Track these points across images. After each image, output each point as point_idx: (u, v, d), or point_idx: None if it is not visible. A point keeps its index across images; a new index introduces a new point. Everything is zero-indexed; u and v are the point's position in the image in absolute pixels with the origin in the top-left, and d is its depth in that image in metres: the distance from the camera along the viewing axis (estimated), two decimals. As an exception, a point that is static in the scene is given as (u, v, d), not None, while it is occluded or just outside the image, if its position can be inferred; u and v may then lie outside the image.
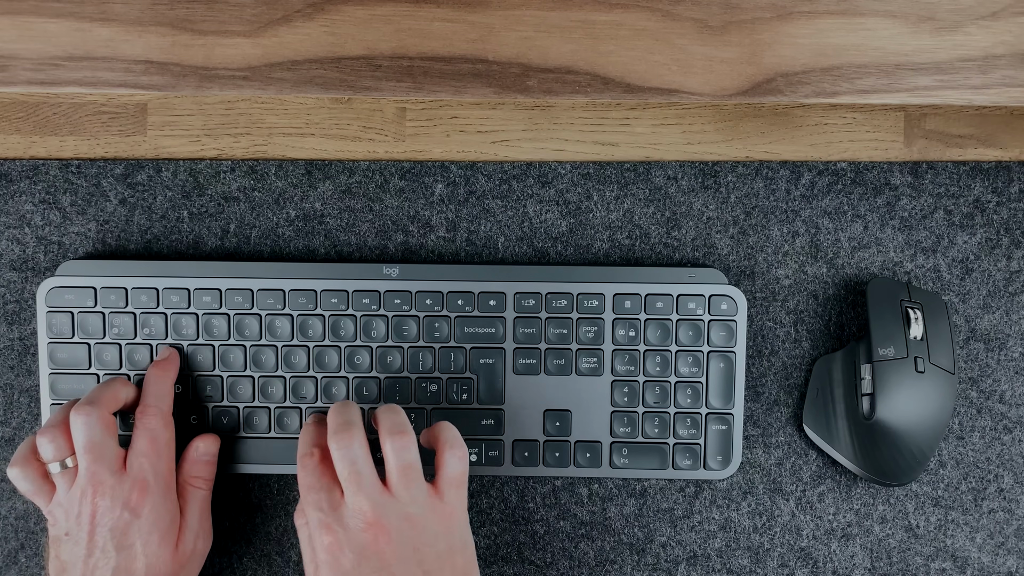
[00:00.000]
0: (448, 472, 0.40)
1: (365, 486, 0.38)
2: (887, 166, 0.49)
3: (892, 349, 0.46)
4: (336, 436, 0.39)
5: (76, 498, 0.41)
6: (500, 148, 0.49)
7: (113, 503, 0.40)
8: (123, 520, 0.40)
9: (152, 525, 0.41)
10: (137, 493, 0.41)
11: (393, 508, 0.38)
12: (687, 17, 0.42)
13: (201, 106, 0.49)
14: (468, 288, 0.47)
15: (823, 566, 0.49)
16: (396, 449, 0.39)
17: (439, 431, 0.41)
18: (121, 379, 0.45)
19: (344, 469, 0.39)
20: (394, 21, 0.42)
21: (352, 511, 0.38)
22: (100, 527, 0.40)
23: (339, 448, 0.39)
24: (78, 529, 0.41)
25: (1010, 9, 0.42)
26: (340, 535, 0.38)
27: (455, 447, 0.40)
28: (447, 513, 0.40)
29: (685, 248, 0.49)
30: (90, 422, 0.41)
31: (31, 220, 0.48)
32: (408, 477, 0.39)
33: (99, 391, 0.43)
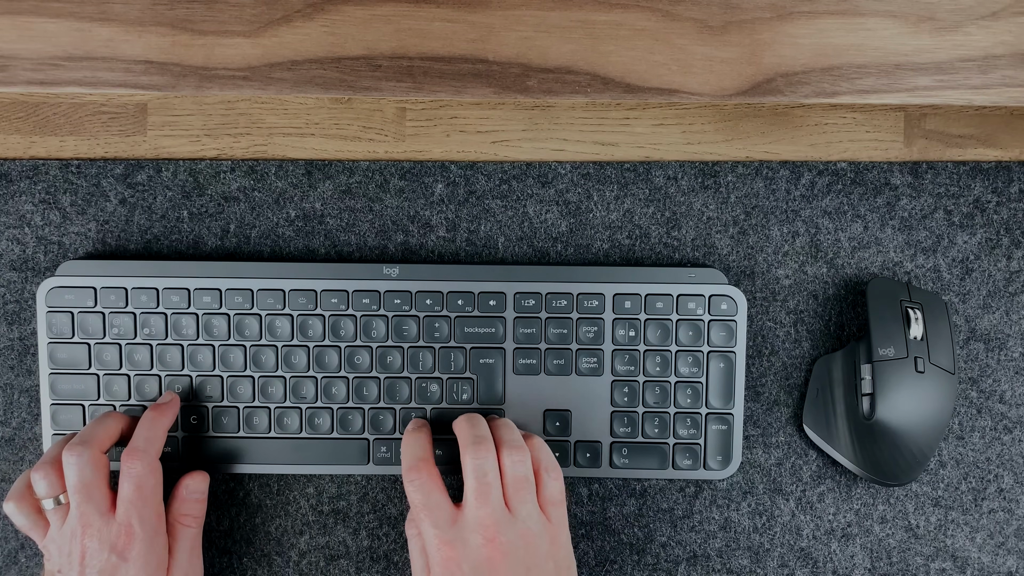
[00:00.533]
0: (548, 493, 0.41)
1: (492, 500, 0.39)
2: (887, 166, 0.49)
3: (892, 349, 0.46)
4: (474, 447, 0.40)
5: (67, 537, 0.41)
6: (500, 148, 0.49)
7: (101, 546, 0.41)
8: (111, 563, 0.41)
9: (140, 569, 0.41)
10: (124, 538, 0.41)
11: (511, 525, 0.39)
12: (687, 17, 0.42)
13: (201, 106, 0.49)
14: (468, 288, 0.47)
15: (823, 566, 0.49)
16: (515, 463, 0.40)
17: (534, 451, 0.42)
18: (115, 414, 0.45)
19: (475, 481, 0.39)
20: (394, 21, 0.42)
21: (474, 525, 0.39)
22: (89, 568, 0.40)
23: (475, 459, 0.40)
24: (69, 568, 0.41)
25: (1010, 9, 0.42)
26: (459, 551, 0.39)
27: (551, 468, 0.42)
28: (554, 533, 0.41)
29: (685, 248, 0.49)
30: (81, 463, 0.41)
31: (31, 220, 0.48)
32: (524, 490, 0.40)
33: (92, 429, 0.43)
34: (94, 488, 0.41)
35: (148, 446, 0.43)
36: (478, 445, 0.40)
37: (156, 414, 0.44)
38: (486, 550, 0.38)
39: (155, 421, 0.44)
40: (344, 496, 0.48)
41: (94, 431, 0.43)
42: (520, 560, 0.39)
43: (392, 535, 0.48)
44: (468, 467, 0.40)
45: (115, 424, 0.44)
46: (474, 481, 0.40)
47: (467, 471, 0.40)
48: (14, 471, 0.48)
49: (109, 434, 0.43)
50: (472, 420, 0.42)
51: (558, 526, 0.41)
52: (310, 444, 0.47)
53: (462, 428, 0.42)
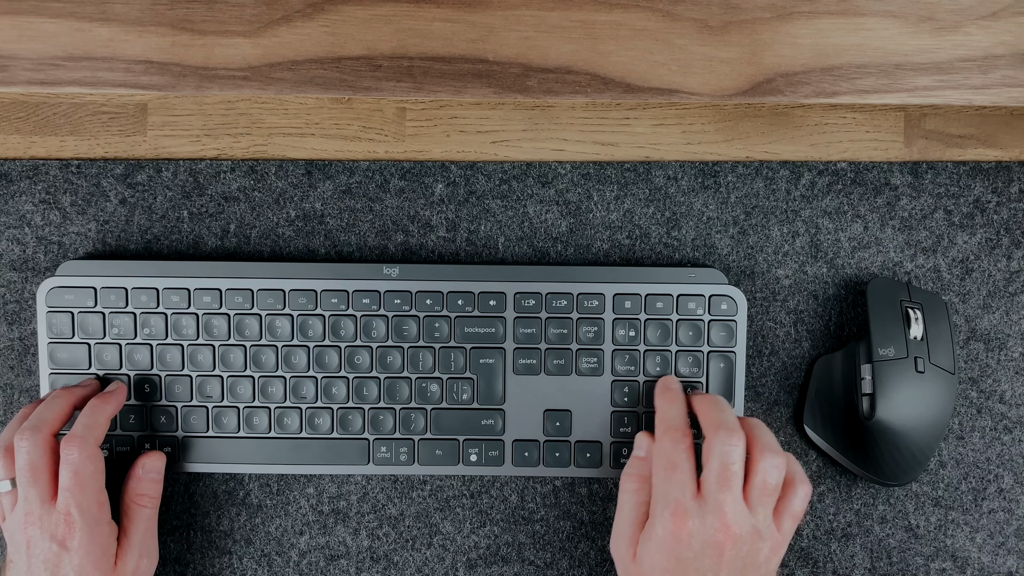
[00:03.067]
0: (792, 506, 0.41)
1: (733, 490, 0.39)
2: (887, 166, 0.49)
3: (892, 349, 0.46)
4: (726, 434, 0.40)
5: (15, 524, 0.41)
6: (500, 148, 0.49)
7: (43, 534, 0.40)
8: (52, 552, 0.40)
9: (83, 557, 0.41)
10: (64, 527, 0.41)
11: (746, 520, 0.39)
12: (687, 17, 0.42)
13: (201, 106, 0.49)
14: (468, 288, 0.47)
15: (823, 566, 0.49)
16: (769, 467, 0.40)
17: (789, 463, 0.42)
18: (65, 392, 0.44)
19: (720, 466, 0.39)
20: (394, 21, 0.42)
21: (714, 507, 0.39)
22: (34, 558, 0.40)
23: (725, 445, 0.39)
24: (18, 556, 0.41)
25: (1010, 9, 0.42)
26: (694, 524, 0.39)
27: (803, 483, 0.41)
28: (779, 543, 0.40)
29: (685, 248, 0.49)
30: (30, 447, 0.41)
31: (31, 220, 0.48)
32: (766, 496, 0.40)
33: (43, 411, 0.42)
34: (40, 472, 0.41)
35: (87, 433, 0.42)
36: (731, 433, 0.40)
37: (100, 402, 0.44)
38: (719, 534, 0.38)
39: (97, 408, 0.43)
40: (344, 496, 0.48)
41: (44, 414, 0.42)
42: (740, 555, 0.39)
43: (392, 535, 0.48)
44: (715, 451, 0.39)
45: (66, 404, 0.43)
46: (719, 466, 0.39)
47: (713, 454, 0.39)
48: (14, 471, 0.48)
49: (60, 415, 0.43)
50: (717, 403, 0.42)
51: (785, 537, 0.41)
52: (310, 444, 0.47)
53: (706, 408, 0.42)
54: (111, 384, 0.46)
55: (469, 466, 0.47)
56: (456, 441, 0.47)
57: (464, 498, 0.48)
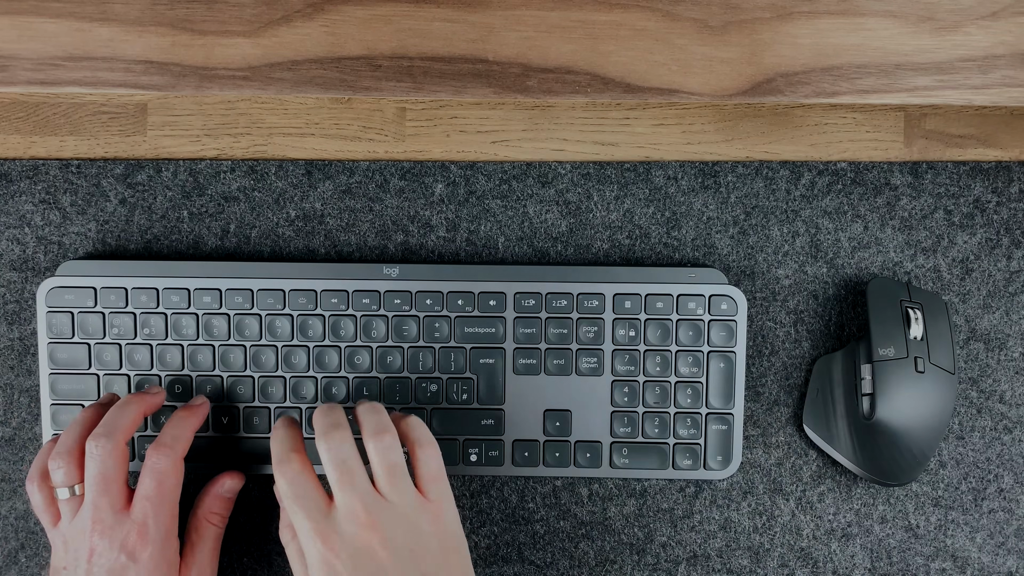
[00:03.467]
0: (425, 470, 0.40)
1: (358, 486, 0.38)
2: (887, 166, 0.49)
3: (892, 349, 0.46)
4: (326, 437, 0.39)
5: (77, 532, 0.40)
6: (500, 148, 0.49)
7: (111, 544, 0.39)
8: (119, 563, 0.39)
9: (150, 571, 0.40)
10: (136, 537, 0.40)
11: (385, 509, 0.38)
12: (687, 17, 0.42)
13: (201, 106, 0.49)
14: (468, 288, 0.47)
15: (823, 566, 0.49)
16: (380, 450, 0.38)
17: (408, 429, 0.41)
18: (136, 399, 0.43)
19: (335, 470, 0.38)
20: (394, 21, 0.42)
21: (345, 514, 0.37)
22: (97, 567, 0.39)
23: (329, 448, 0.38)
24: (75, 564, 0.40)
25: (1010, 9, 0.42)
26: (334, 541, 0.37)
27: (425, 444, 0.40)
28: (435, 511, 0.39)
29: (685, 248, 0.49)
30: (103, 455, 0.40)
31: (31, 220, 0.48)
32: (395, 476, 0.38)
33: (119, 418, 0.41)
34: (112, 482, 0.40)
35: (175, 444, 0.41)
36: (331, 433, 0.38)
37: (187, 413, 0.43)
38: (363, 536, 0.37)
39: (185, 420, 0.43)
40: (344, 496, 0.48)
41: (118, 421, 0.41)
42: (401, 543, 0.37)
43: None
44: (325, 458, 0.38)
45: (139, 411, 0.42)
46: (334, 471, 0.38)
47: (325, 462, 0.38)
48: (14, 471, 0.48)
49: (133, 423, 0.42)
50: (325, 411, 0.40)
51: (440, 502, 0.39)
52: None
53: (316, 420, 0.40)
54: (196, 398, 0.45)
55: (469, 466, 0.47)
56: (456, 441, 0.47)
57: (464, 498, 0.48)
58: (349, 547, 0.37)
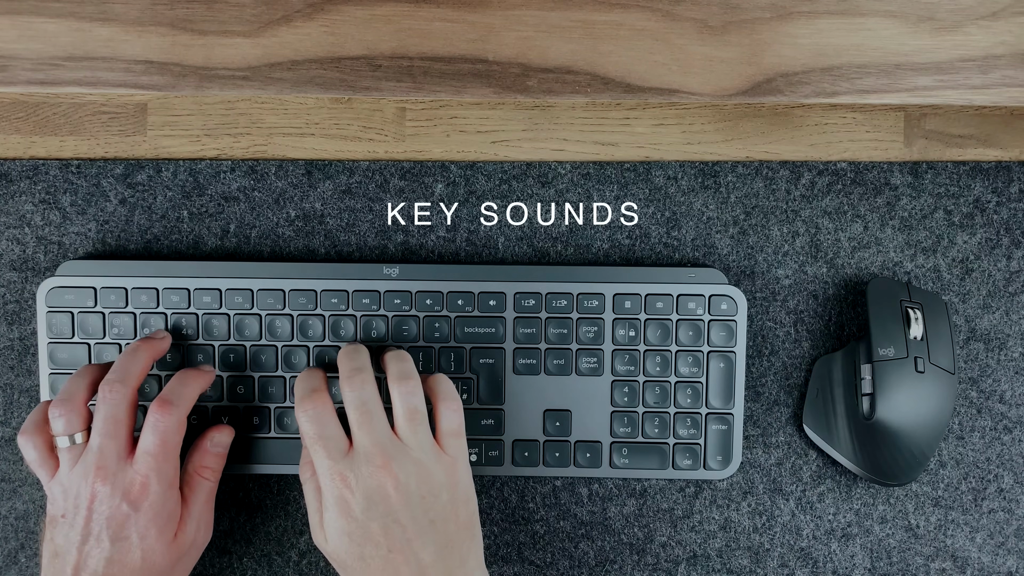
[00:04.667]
0: (446, 425, 0.41)
1: (376, 430, 0.39)
2: (887, 166, 0.49)
3: (892, 349, 0.46)
4: (349, 380, 0.40)
5: (78, 478, 0.40)
6: (500, 148, 0.49)
7: (113, 491, 0.40)
8: (121, 511, 0.40)
9: (150, 520, 0.40)
10: (138, 488, 0.40)
11: (402, 453, 0.39)
12: (687, 17, 0.42)
13: (201, 106, 0.49)
14: (468, 288, 0.47)
15: (823, 566, 0.49)
16: (403, 394, 0.40)
17: (434, 384, 0.42)
18: (144, 345, 0.43)
19: (356, 411, 0.39)
20: (394, 21, 0.42)
21: (362, 454, 0.39)
22: (97, 514, 0.40)
23: (351, 391, 0.39)
24: (75, 512, 0.40)
25: (1010, 9, 0.42)
26: (350, 480, 0.38)
27: (448, 399, 0.41)
28: (450, 464, 0.40)
29: (685, 248, 0.49)
30: (116, 399, 0.40)
31: (31, 220, 0.48)
32: (415, 421, 0.40)
33: (130, 363, 0.42)
34: (122, 426, 0.40)
35: (180, 401, 0.42)
36: (354, 376, 0.40)
37: (194, 374, 0.44)
38: (377, 477, 0.38)
39: (193, 380, 0.43)
40: (344, 496, 0.48)
41: (130, 367, 0.42)
42: (413, 489, 0.38)
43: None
44: (347, 400, 0.40)
45: (148, 357, 0.43)
46: (355, 412, 0.39)
47: (347, 404, 0.40)
48: (14, 471, 0.48)
49: (144, 369, 0.42)
50: (350, 352, 0.41)
51: (456, 457, 0.41)
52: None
53: (341, 362, 0.41)
54: (205, 365, 0.46)
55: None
56: (456, 441, 0.47)
57: (464, 498, 0.48)
58: (364, 486, 0.38)
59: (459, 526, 0.40)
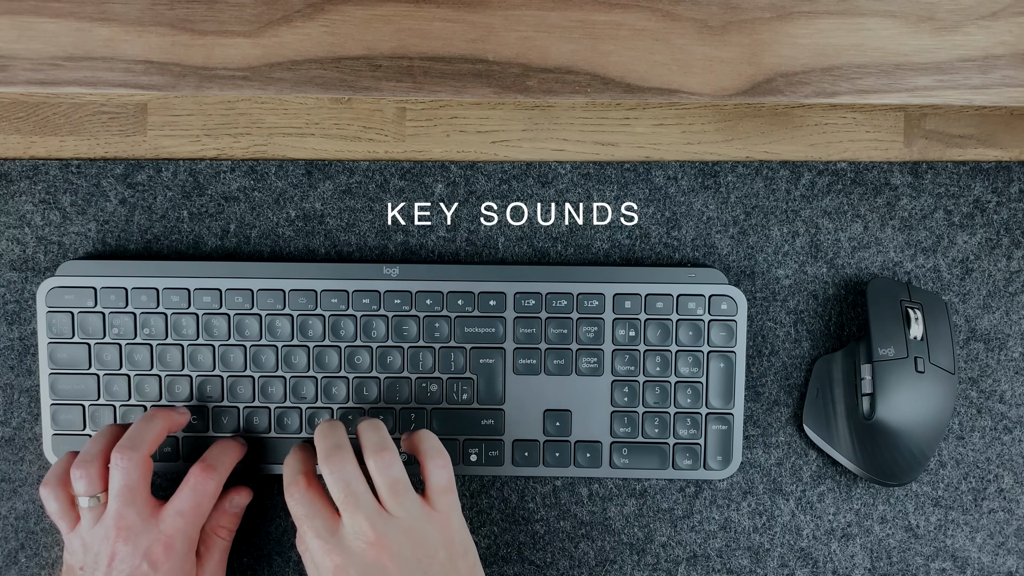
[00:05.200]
0: (435, 482, 0.40)
1: (362, 506, 0.38)
2: (887, 166, 0.49)
3: (892, 349, 0.46)
4: (328, 460, 0.39)
5: (99, 537, 0.41)
6: (500, 148, 0.49)
7: (135, 551, 0.40)
8: (140, 571, 0.40)
9: None
10: (162, 549, 0.41)
11: (391, 524, 0.39)
12: (687, 17, 0.42)
13: (201, 106, 0.49)
14: (468, 288, 0.47)
15: (823, 566, 0.49)
16: (381, 468, 0.39)
17: (418, 442, 0.42)
18: (160, 414, 0.44)
19: (339, 492, 0.39)
20: (394, 21, 0.42)
21: (352, 533, 0.38)
22: (116, 572, 0.40)
23: (332, 471, 0.39)
24: (94, 567, 0.40)
25: (1010, 9, 0.42)
26: (344, 558, 0.38)
27: (435, 456, 0.41)
28: (442, 521, 0.40)
29: (685, 248, 0.49)
30: (129, 467, 0.41)
31: (31, 220, 0.48)
32: (398, 492, 0.39)
33: (144, 431, 0.42)
34: (137, 493, 0.41)
35: (222, 469, 0.43)
36: (332, 456, 0.39)
37: (232, 444, 0.45)
38: (371, 553, 0.38)
39: (231, 449, 0.45)
40: (344, 496, 0.48)
41: (144, 434, 0.42)
42: (408, 555, 0.38)
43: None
44: (329, 481, 0.39)
45: (163, 427, 0.43)
46: (339, 492, 0.39)
47: (330, 485, 0.39)
48: (14, 471, 0.48)
49: (158, 437, 0.43)
50: (326, 430, 0.41)
51: (447, 514, 0.40)
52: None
53: (318, 440, 0.41)
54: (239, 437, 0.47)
55: (469, 466, 0.47)
56: (456, 441, 0.47)
57: (464, 498, 0.48)
58: (359, 563, 0.38)
59: None
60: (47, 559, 0.48)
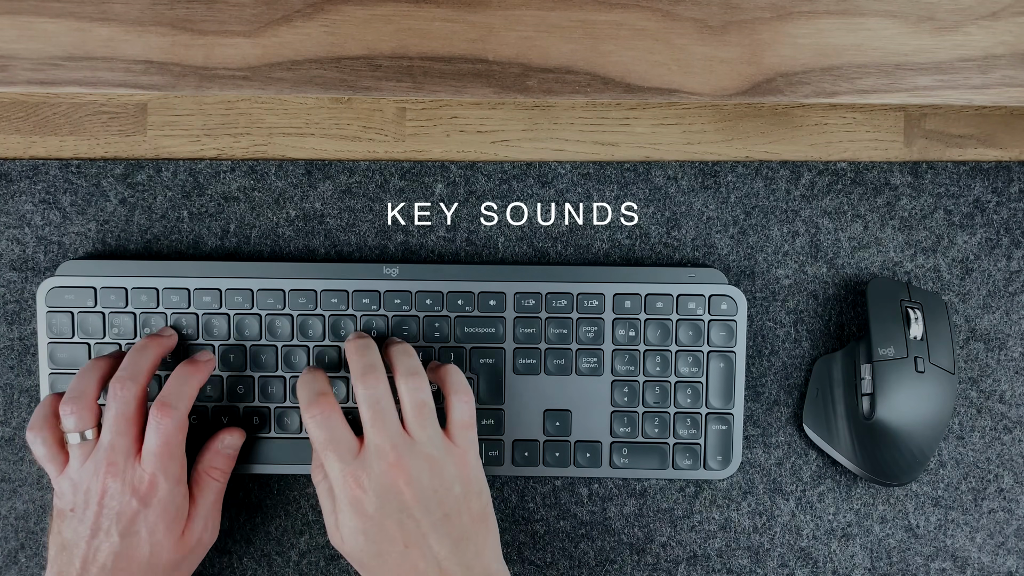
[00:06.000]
0: (457, 416, 0.41)
1: (388, 427, 0.39)
2: (887, 166, 0.49)
3: (892, 349, 0.46)
4: (363, 378, 0.40)
5: (88, 473, 0.41)
6: (500, 148, 0.49)
7: (123, 487, 0.40)
8: (131, 507, 0.40)
9: (159, 516, 0.41)
10: (147, 485, 0.41)
11: (413, 449, 0.39)
12: (687, 17, 0.42)
13: (201, 106, 0.49)
14: (468, 288, 0.47)
15: (823, 566, 0.49)
16: (411, 389, 0.40)
17: (445, 375, 0.42)
18: (153, 342, 0.44)
19: (368, 409, 0.39)
20: (394, 21, 0.42)
21: (374, 452, 0.39)
22: (107, 508, 0.40)
23: (366, 388, 0.40)
24: (85, 506, 0.40)
25: (1010, 9, 0.42)
26: (363, 480, 0.39)
27: (460, 391, 0.42)
28: (461, 456, 0.41)
29: (685, 248, 0.49)
30: (127, 397, 0.41)
31: (31, 220, 0.48)
32: (423, 416, 0.40)
33: (140, 360, 0.42)
34: (132, 424, 0.41)
35: (179, 402, 0.42)
36: (367, 374, 0.40)
37: (191, 369, 0.43)
38: (389, 475, 0.38)
39: (189, 376, 0.43)
40: (344, 496, 0.48)
41: (140, 364, 0.42)
42: (425, 483, 0.39)
43: (392, 535, 0.48)
44: (360, 397, 0.40)
45: (156, 354, 0.43)
46: (368, 410, 0.39)
47: (360, 401, 0.40)
48: (14, 471, 0.48)
49: (153, 365, 0.43)
50: (361, 349, 0.42)
51: (465, 449, 0.41)
52: (310, 444, 0.47)
53: (352, 359, 0.41)
54: (200, 353, 0.45)
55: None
56: (456, 441, 0.47)
57: (464, 498, 0.48)
58: (376, 484, 0.39)
59: (473, 518, 0.40)
60: (47, 559, 0.48)
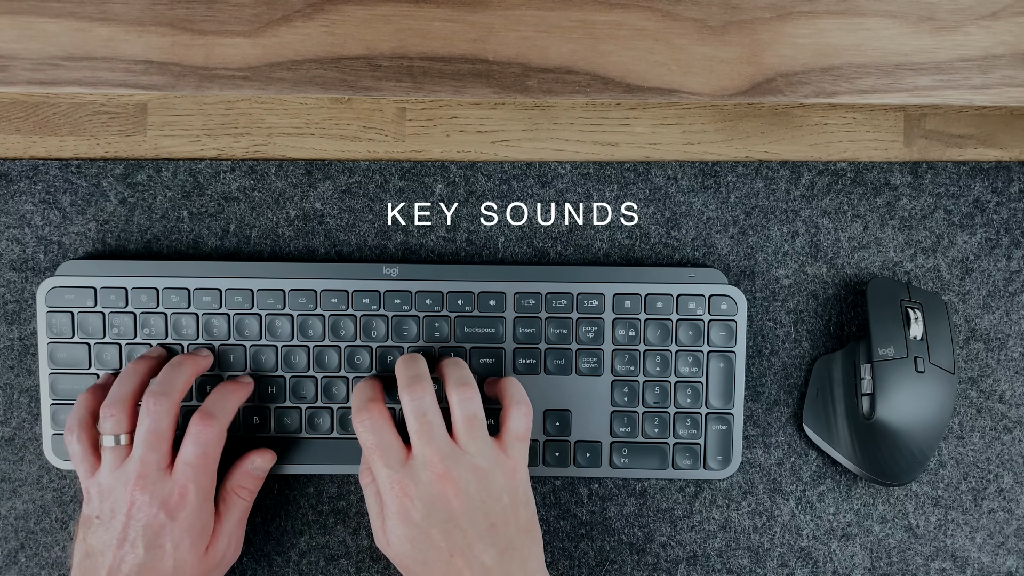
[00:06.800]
0: (513, 427, 0.41)
1: (435, 438, 0.39)
2: (887, 166, 0.49)
3: (892, 349, 0.46)
4: (409, 388, 0.40)
5: (118, 483, 0.41)
6: (500, 148, 0.49)
7: (152, 500, 0.41)
8: (158, 520, 0.40)
9: (185, 531, 0.41)
10: (177, 498, 0.41)
11: (461, 460, 0.39)
12: (687, 17, 0.42)
13: (201, 106, 0.49)
14: (468, 288, 0.47)
15: (823, 566, 0.49)
16: (462, 400, 0.40)
17: (506, 386, 0.43)
18: (191, 363, 0.44)
19: (415, 421, 0.40)
20: (394, 21, 0.42)
21: (422, 463, 0.39)
22: (134, 520, 0.40)
23: (412, 400, 0.40)
24: (111, 516, 0.41)
25: (1010, 9, 0.42)
26: (411, 488, 0.39)
27: (521, 403, 0.42)
28: (511, 467, 0.41)
29: (685, 248, 0.49)
30: (160, 412, 0.41)
31: (31, 220, 0.48)
32: (473, 427, 0.40)
33: (174, 377, 0.43)
34: (163, 440, 0.41)
35: (221, 414, 0.43)
36: (413, 385, 0.40)
37: (234, 387, 0.45)
38: (437, 485, 0.39)
39: (231, 393, 0.44)
40: (344, 496, 0.48)
41: (174, 381, 0.43)
42: (474, 494, 0.39)
43: (392, 535, 0.48)
44: (407, 408, 0.40)
45: (191, 372, 0.44)
46: (415, 421, 0.40)
47: (407, 413, 0.40)
48: (14, 471, 0.48)
49: (186, 383, 0.43)
50: (408, 361, 0.42)
51: (516, 460, 0.41)
52: (310, 444, 0.47)
53: (399, 370, 0.42)
54: (243, 376, 0.46)
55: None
56: (456, 441, 0.47)
57: (464, 498, 0.48)
58: (424, 494, 0.39)
59: (519, 528, 0.40)
60: (47, 559, 0.48)
